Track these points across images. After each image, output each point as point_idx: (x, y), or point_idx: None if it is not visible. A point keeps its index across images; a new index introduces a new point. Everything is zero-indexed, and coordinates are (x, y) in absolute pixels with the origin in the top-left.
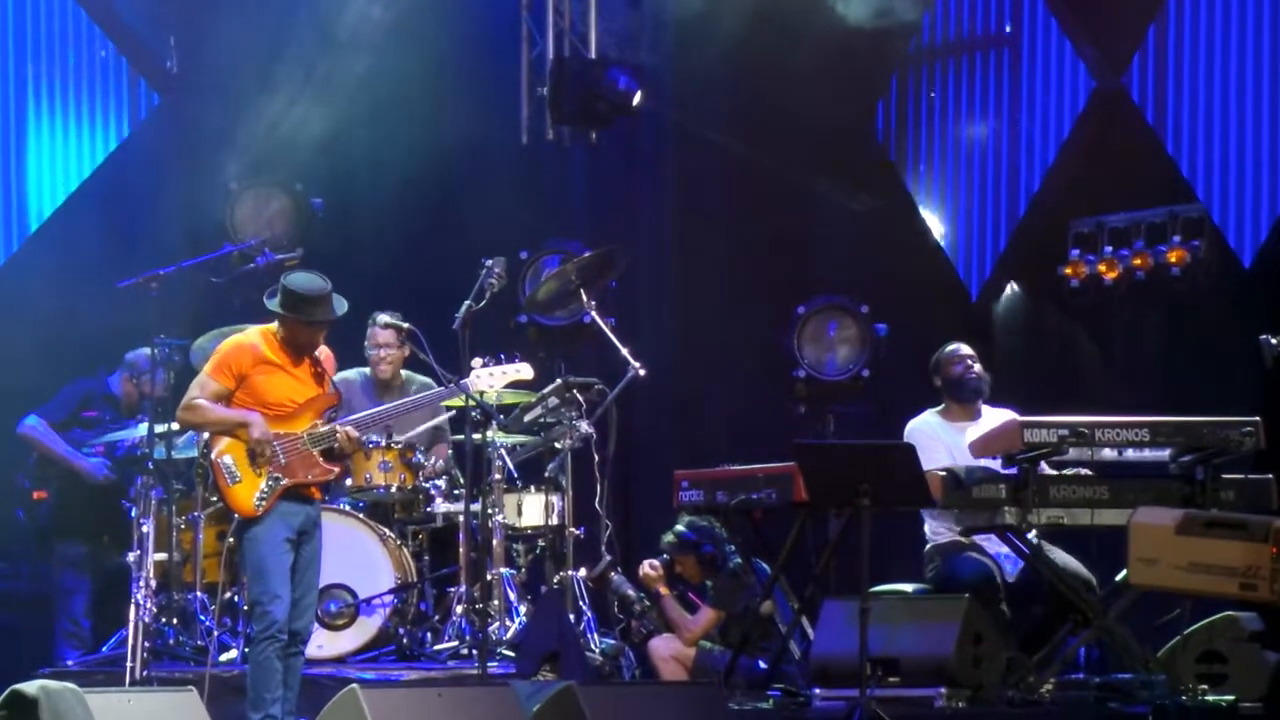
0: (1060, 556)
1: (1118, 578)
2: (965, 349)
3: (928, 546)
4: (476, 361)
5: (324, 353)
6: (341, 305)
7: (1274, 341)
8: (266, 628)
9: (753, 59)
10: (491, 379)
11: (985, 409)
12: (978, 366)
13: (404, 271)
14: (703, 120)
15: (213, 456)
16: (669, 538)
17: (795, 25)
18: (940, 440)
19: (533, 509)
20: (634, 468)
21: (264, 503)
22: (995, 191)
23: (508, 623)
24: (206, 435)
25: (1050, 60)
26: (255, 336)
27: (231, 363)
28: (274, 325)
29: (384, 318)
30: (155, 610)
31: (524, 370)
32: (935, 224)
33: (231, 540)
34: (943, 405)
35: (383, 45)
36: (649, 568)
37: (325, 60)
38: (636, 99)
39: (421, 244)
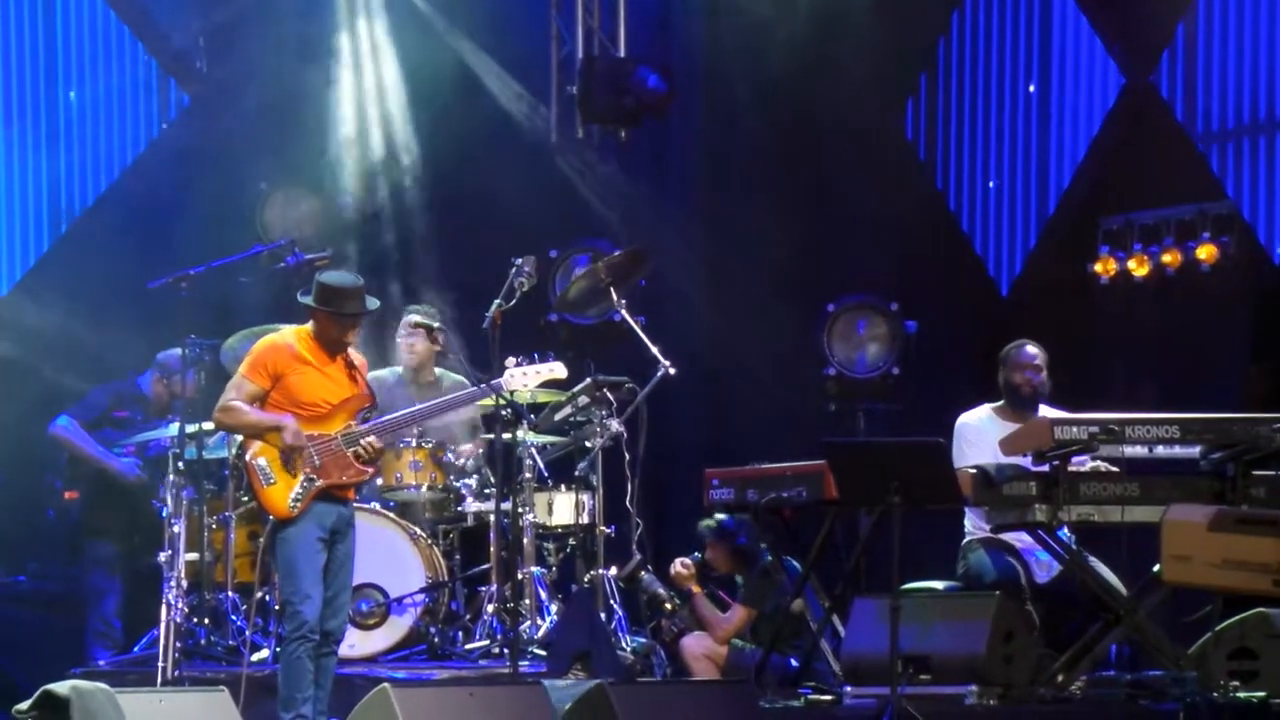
0: (1098, 567)
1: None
2: (1030, 355)
3: (964, 541)
4: (510, 361)
5: (357, 358)
6: (373, 303)
7: None
8: (298, 627)
9: (782, 58)
10: (525, 378)
11: (1045, 409)
12: (1039, 376)
13: (433, 271)
14: (731, 119)
15: (247, 458)
16: (709, 522)
17: (824, 24)
18: (987, 438)
19: (563, 508)
20: (664, 466)
21: (299, 504)
22: (1025, 189)
23: (539, 622)
24: (240, 437)
25: (1080, 58)
26: (289, 336)
27: (267, 362)
28: (307, 325)
29: (414, 317)
30: (187, 610)
31: (557, 369)
32: (964, 222)
33: (264, 541)
34: (1001, 401)
35: (412, 44)
36: (680, 566)
37: (354, 60)
38: (665, 97)
39: (451, 243)
